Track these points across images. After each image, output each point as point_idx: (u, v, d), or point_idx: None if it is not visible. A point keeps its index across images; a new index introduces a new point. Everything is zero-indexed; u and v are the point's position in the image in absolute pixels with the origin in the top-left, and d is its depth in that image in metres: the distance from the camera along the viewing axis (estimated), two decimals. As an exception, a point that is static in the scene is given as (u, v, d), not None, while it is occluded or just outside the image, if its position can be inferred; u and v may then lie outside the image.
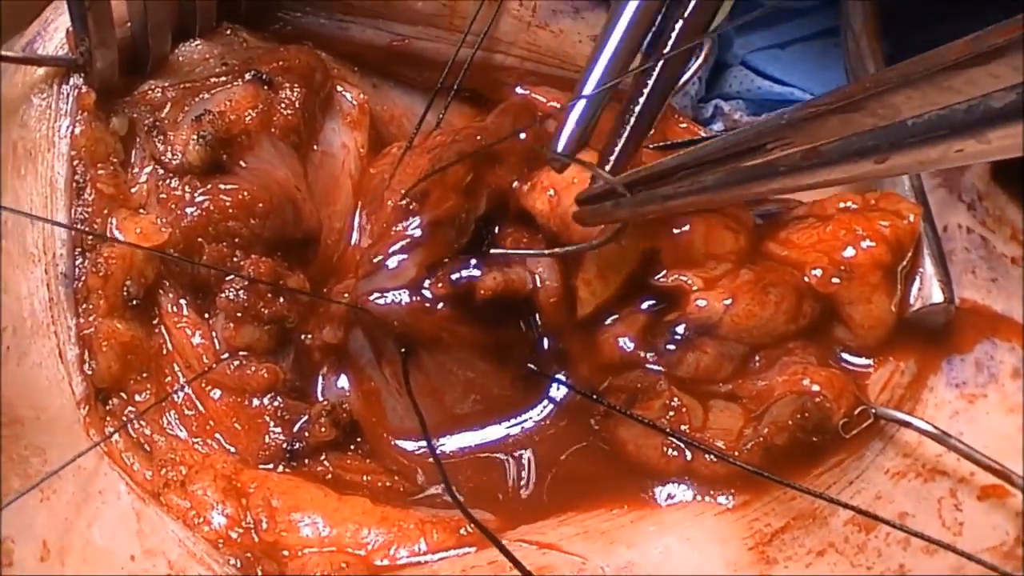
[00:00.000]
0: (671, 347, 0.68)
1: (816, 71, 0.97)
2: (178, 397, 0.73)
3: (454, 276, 0.70)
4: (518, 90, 0.88)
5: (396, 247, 0.71)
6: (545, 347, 0.74)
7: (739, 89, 0.98)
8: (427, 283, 0.70)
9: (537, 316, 0.73)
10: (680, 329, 0.68)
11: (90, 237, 0.74)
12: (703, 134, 0.89)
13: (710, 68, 0.98)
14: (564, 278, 0.71)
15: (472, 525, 0.64)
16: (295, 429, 0.73)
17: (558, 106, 0.86)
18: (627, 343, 0.69)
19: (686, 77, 0.87)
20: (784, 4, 0.99)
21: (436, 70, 0.86)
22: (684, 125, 0.89)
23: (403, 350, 0.71)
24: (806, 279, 0.69)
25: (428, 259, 0.70)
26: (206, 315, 0.75)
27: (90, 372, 0.72)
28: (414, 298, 0.69)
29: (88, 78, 0.76)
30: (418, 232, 0.71)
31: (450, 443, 0.74)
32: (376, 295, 0.70)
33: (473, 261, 0.71)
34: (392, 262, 0.70)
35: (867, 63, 0.82)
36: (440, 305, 0.69)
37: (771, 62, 0.98)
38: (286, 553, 0.67)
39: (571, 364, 0.73)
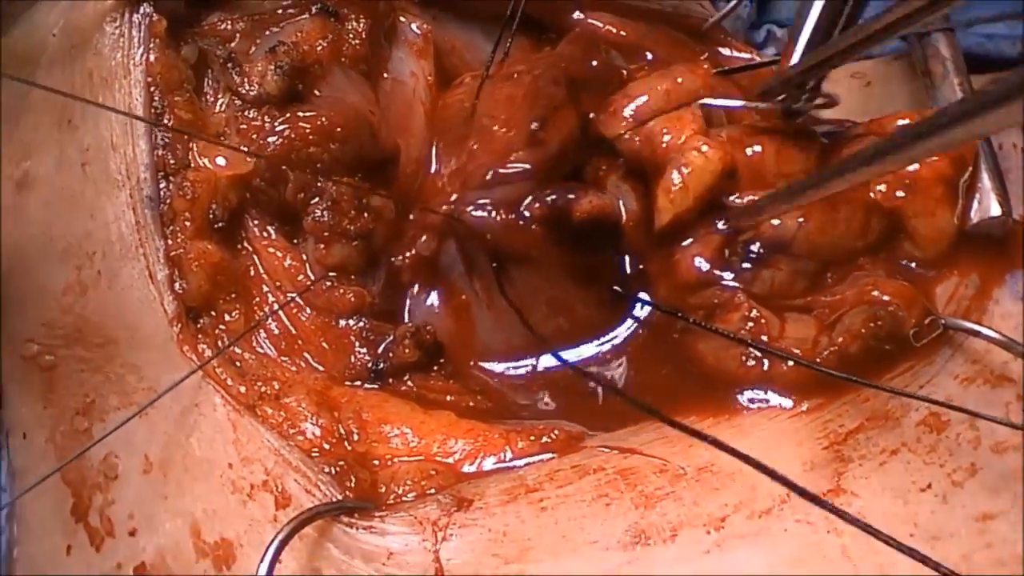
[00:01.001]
0: (747, 265, 0.71)
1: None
2: (270, 319, 0.76)
3: (551, 198, 0.72)
4: (576, 15, 0.88)
5: (513, 171, 0.72)
6: (627, 269, 0.76)
7: (789, 16, 0.98)
8: (526, 203, 0.72)
9: (621, 239, 0.75)
10: (755, 247, 0.71)
11: (173, 163, 0.76)
12: (758, 58, 0.90)
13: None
14: (643, 203, 0.73)
15: (554, 433, 0.68)
16: (380, 350, 0.76)
17: (614, 31, 0.88)
18: (703, 263, 0.72)
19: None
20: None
21: (495, 1, 0.86)
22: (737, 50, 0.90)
23: (494, 264, 0.73)
24: (872, 195, 0.71)
25: (539, 185, 0.72)
26: (295, 240, 0.77)
27: (181, 292, 0.74)
28: (510, 216, 0.71)
29: (158, 6, 0.77)
30: (536, 162, 0.73)
31: (538, 359, 0.77)
32: (473, 208, 0.72)
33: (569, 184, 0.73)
34: (502, 183, 0.72)
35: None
36: (534, 225, 0.71)
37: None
38: (377, 462, 0.70)
39: (651, 284, 0.75)
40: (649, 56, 0.85)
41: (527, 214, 0.72)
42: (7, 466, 0.81)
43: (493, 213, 0.72)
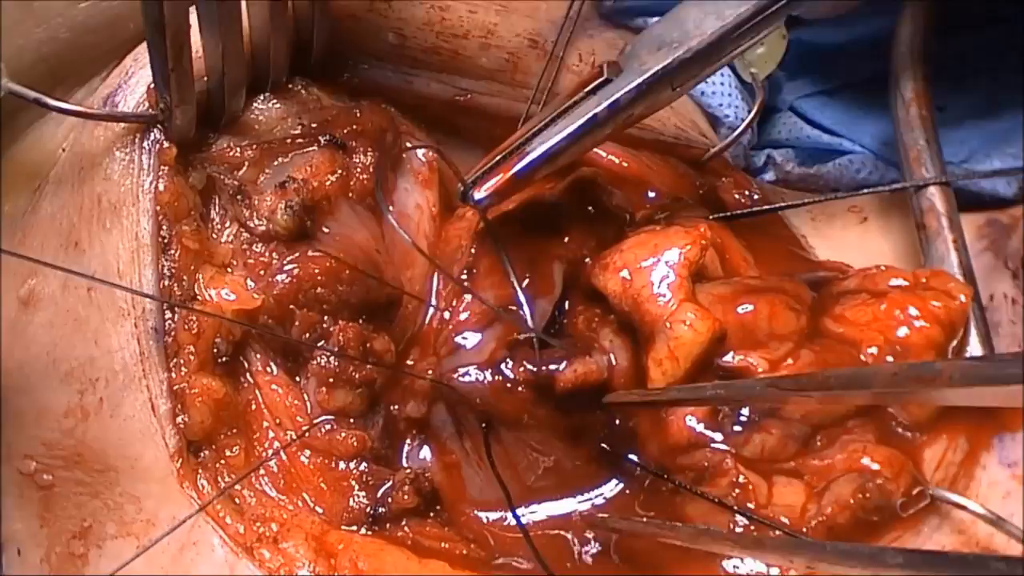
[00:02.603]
0: (737, 428, 0.72)
1: (864, 120, 0.99)
2: (272, 461, 0.77)
3: (532, 367, 0.73)
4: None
5: (471, 326, 0.74)
6: (616, 425, 0.77)
7: (787, 136, 1.00)
8: (508, 365, 0.73)
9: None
10: (746, 411, 0.72)
11: (180, 293, 0.76)
12: (754, 188, 0.92)
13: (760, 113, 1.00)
14: (635, 359, 0.74)
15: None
16: (379, 494, 0.77)
17: (616, 161, 0.89)
18: (695, 423, 0.73)
19: (736, 134, 0.90)
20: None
21: (498, 125, 0.88)
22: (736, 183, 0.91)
23: (483, 425, 0.74)
24: (863, 358, 0.72)
25: (504, 335, 0.73)
26: (296, 378, 0.78)
27: (183, 425, 0.75)
28: (496, 378, 0.72)
29: (167, 133, 0.78)
30: (482, 310, 0.75)
31: (525, 515, 0.77)
32: (460, 373, 0.73)
33: (551, 348, 0.74)
34: (470, 341, 0.73)
35: (916, 133, 0.85)
36: (520, 388, 0.73)
37: (820, 109, 1.00)
38: (371, 613, 0.71)
39: (641, 443, 0.76)
40: (651, 194, 0.86)
41: (512, 376, 0.73)
42: (2, 581, 0.82)
43: (480, 377, 0.72)
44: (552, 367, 0.73)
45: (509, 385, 0.73)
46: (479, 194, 0.75)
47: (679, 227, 0.76)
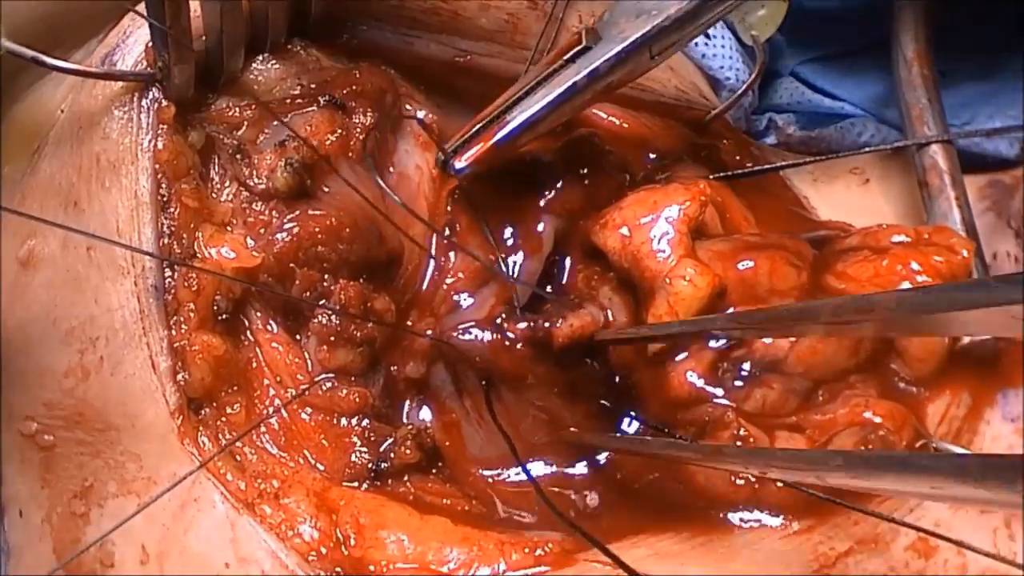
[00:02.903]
0: (738, 383, 0.72)
1: (864, 83, 0.98)
2: (272, 417, 0.77)
3: (526, 325, 0.73)
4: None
5: (466, 284, 0.74)
6: (616, 383, 0.77)
7: (789, 101, 1.00)
8: (506, 325, 0.73)
9: (609, 353, 0.76)
10: (747, 366, 0.72)
11: (179, 252, 0.76)
12: (755, 149, 0.92)
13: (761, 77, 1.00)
14: (634, 316, 0.74)
15: (548, 546, 0.69)
16: (380, 450, 0.77)
17: (617, 122, 0.89)
18: (696, 379, 0.72)
19: (738, 94, 0.90)
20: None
21: (498, 86, 0.86)
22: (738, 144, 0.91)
23: (483, 383, 0.74)
24: (864, 313, 0.72)
25: (502, 293, 0.73)
26: (297, 336, 0.78)
27: (183, 383, 0.75)
28: (495, 336, 0.72)
29: (166, 91, 0.78)
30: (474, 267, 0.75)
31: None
32: (460, 331, 0.73)
33: (546, 307, 0.74)
34: (468, 299, 0.73)
35: (918, 92, 0.85)
36: (519, 345, 0.72)
37: (821, 73, 1.00)
38: (372, 568, 0.71)
39: (642, 399, 0.76)
40: (652, 155, 0.85)
41: (510, 334, 0.72)
42: (3, 543, 0.81)
43: (480, 335, 0.72)
44: (547, 324, 0.72)
45: (508, 343, 0.73)
46: (459, 163, 0.75)
47: (678, 184, 0.75)
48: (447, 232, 0.78)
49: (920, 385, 0.73)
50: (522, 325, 0.72)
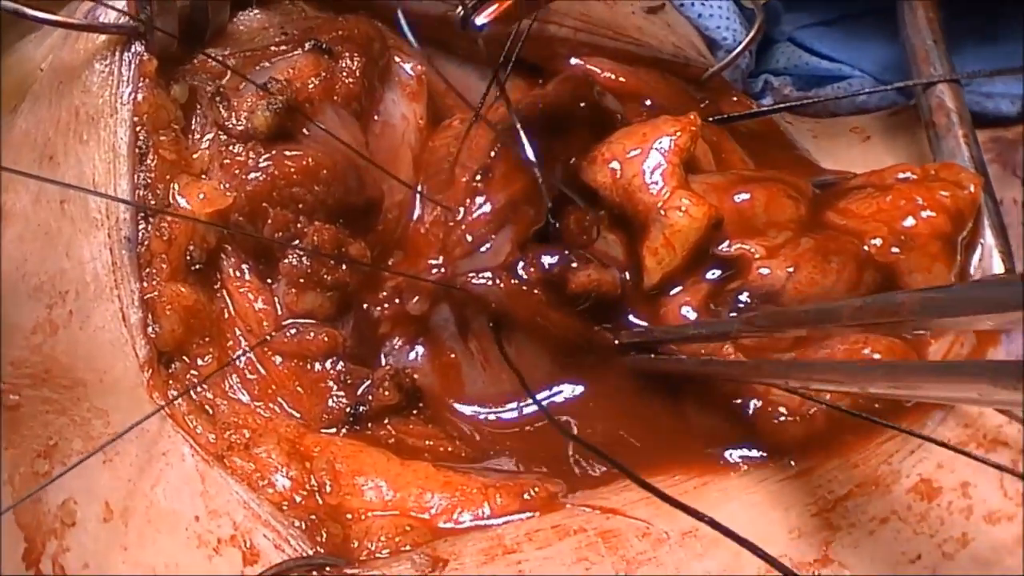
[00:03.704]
0: (734, 316, 0.69)
1: (864, 47, 0.97)
2: (240, 362, 0.74)
3: (546, 263, 0.70)
4: (572, 61, 0.88)
5: (483, 228, 0.71)
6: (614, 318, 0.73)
7: (787, 65, 0.98)
8: (520, 265, 0.70)
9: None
10: (743, 297, 0.69)
11: (154, 201, 0.74)
12: (755, 107, 0.90)
13: (758, 43, 0.98)
14: (629, 251, 0.72)
15: (534, 489, 0.65)
16: (358, 393, 0.74)
17: (613, 77, 0.87)
18: (690, 312, 0.70)
19: (736, 51, 0.88)
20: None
21: (489, 42, 0.85)
22: (736, 99, 0.89)
23: (491, 324, 0.72)
24: (866, 248, 0.69)
25: (517, 237, 0.71)
26: (268, 280, 0.75)
27: (153, 335, 0.72)
28: (512, 281, 0.70)
29: (149, 45, 0.76)
30: (496, 210, 0.71)
31: (515, 411, 0.74)
32: (475, 276, 0.70)
33: (566, 252, 0.71)
34: (485, 243, 0.71)
35: (924, 34, 0.82)
36: (535, 290, 0.70)
37: (818, 38, 0.98)
38: (350, 516, 0.68)
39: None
40: (648, 103, 0.83)
41: (525, 277, 0.70)
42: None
43: (497, 281, 0.70)
44: (572, 266, 0.70)
45: (524, 288, 0.70)
46: (480, 19, 0.72)
47: (667, 116, 0.73)
48: (479, 177, 0.74)
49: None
50: (549, 259, 0.69)
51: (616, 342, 0.71)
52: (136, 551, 0.68)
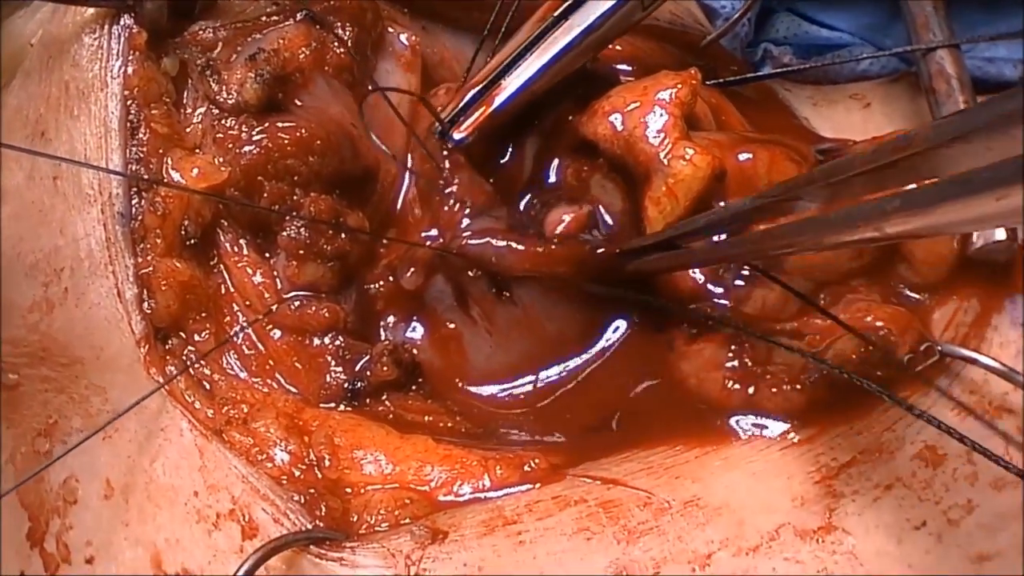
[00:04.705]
0: (739, 283, 0.68)
1: (864, 16, 0.95)
2: (238, 337, 0.73)
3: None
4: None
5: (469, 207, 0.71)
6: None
7: (786, 34, 0.96)
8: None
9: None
10: (748, 264, 0.68)
11: (147, 176, 0.73)
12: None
13: (756, 11, 0.97)
14: (630, 200, 0.71)
15: (535, 461, 0.65)
16: (356, 368, 0.73)
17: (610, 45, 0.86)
18: (697, 274, 0.69)
19: (735, 17, 0.87)
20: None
21: (484, 11, 0.84)
22: (735, 68, 0.88)
23: (493, 288, 0.72)
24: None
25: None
26: (267, 254, 0.75)
27: (149, 311, 0.72)
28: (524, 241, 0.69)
29: (138, 18, 0.75)
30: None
31: (523, 386, 0.74)
32: (471, 236, 0.70)
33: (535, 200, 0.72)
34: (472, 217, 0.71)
35: (925, 5, 0.81)
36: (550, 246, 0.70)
37: (818, 8, 0.96)
38: (349, 490, 0.68)
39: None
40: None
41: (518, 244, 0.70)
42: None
43: (497, 241, 0.69)
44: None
45: (540, 248, 0.69)
46: (459, 134, 0.74)
47: (667, 71, 0.72)
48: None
49: (926, 291, 0.69)
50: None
51: (617, 251, 0.70)
52: (137, 527, 0.68)
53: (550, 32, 0.73)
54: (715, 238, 0.64)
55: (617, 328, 0.73)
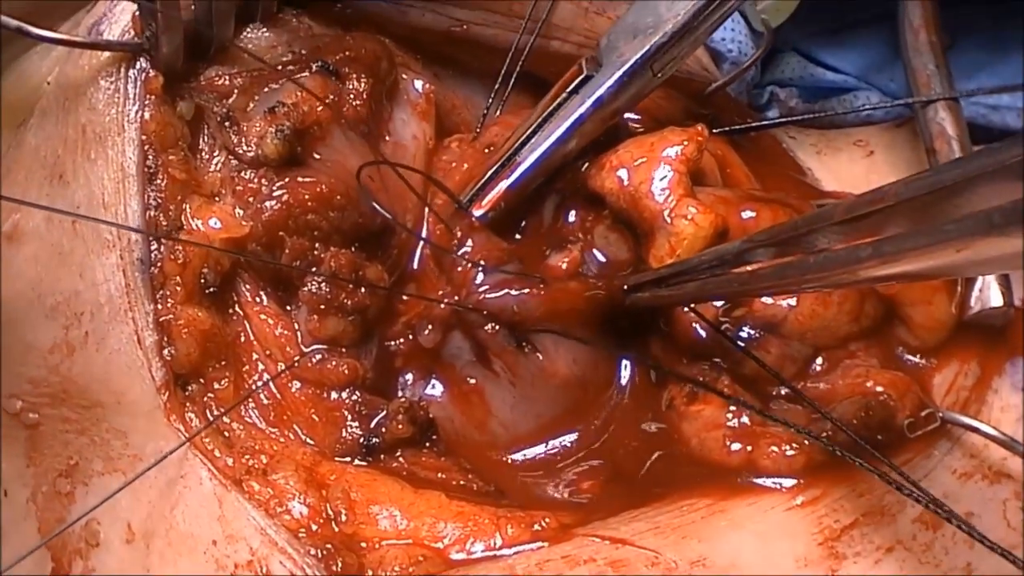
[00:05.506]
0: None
1: (869, 55, 0.96)
2: (260, 391, 0.75)
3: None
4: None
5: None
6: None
7: (791, 76, 0.98)
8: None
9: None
10: (746, 327, 0.69)
11: (166, 224, 0.74)
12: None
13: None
14: (634, 252, 0.73)
15: (545, 520, 0.67)
16: (372, 424, 0.74)
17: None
18: (700, 330, 0.71)
19: (743, 67, 0.88)
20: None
21: (494, 56, 0.86)
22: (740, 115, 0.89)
23: (515, 341, 0.73)
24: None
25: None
26: (287, 307, 0.76)
27: (169, 358, 0.73)
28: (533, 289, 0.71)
29: (154, 62, 0.76)
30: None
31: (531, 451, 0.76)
32: (489, 290, 0.72)
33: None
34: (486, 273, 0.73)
35: (924, 57, 0.83)
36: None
37: (824, 49, 0.98)
38: (364, 545, 0.69)
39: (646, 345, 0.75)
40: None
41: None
42: (-10, 523, 0.79)
43: (516, 292, 0.71)
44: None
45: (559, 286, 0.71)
46: (478, 211, 0.76)
47: (674, 127, 0.74)
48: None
49: (926, 355, 0.71)
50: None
51: (624, 287, 0.71)
52: (158, 572, 0.70)
53: (562, 107, 0.75)
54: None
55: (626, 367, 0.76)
